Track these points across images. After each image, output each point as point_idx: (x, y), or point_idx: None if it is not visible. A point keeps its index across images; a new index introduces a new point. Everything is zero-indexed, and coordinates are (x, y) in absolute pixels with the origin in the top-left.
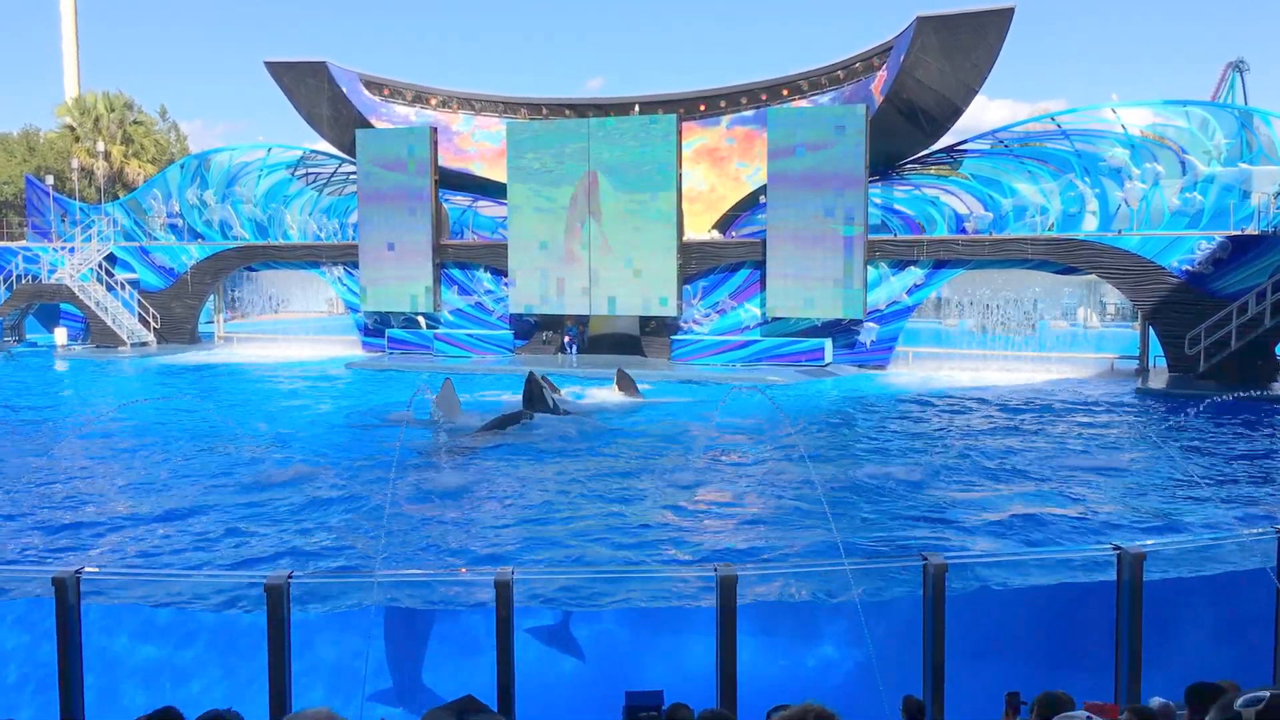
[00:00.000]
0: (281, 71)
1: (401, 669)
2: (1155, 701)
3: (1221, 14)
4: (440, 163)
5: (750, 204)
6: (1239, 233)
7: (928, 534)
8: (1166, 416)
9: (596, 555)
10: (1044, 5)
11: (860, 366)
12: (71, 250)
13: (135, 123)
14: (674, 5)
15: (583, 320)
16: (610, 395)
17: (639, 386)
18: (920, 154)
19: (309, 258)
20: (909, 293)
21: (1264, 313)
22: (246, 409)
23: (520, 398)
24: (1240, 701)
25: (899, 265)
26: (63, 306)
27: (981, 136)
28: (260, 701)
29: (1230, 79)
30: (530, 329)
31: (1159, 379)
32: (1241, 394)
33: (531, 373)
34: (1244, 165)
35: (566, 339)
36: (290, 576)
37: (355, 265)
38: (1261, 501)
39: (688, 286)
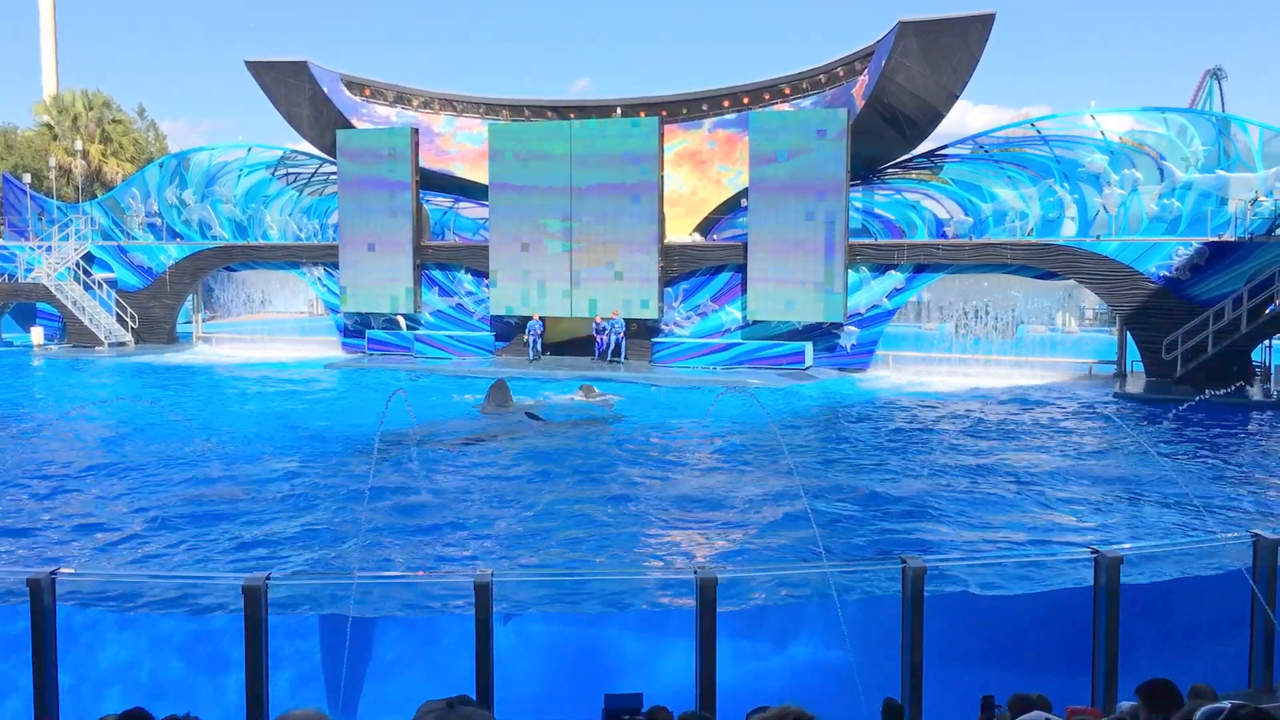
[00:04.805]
0: (262, 71)
1: (374, 673)
2: (1125, 706)
3: (1200, 22)
4: (421, 164)
5: (732, 207)
6: (1216, 239)
7: (906, 536)
8: (1143, 420)
9: (575, 557)
10: (1026, 12)
11: (841, 370)
12: (49, 249)
13: (114, 121)
14: (659, 9)
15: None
16: (576, 399)
17: (607, 395)
18: (901, 158)
19: (289, 258)
20: (889, 296)
21: (1240, 319)
22: (241, 412)
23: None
24: (1201, 713)
25: (880, 269)
26: (39, 306)
27: (962, 141)
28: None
29: (1208, 86)
30: (511, 330)
31: (1136, 384)
32: (1217, 398)
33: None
34: (1221, 172)
35: (613, 335)
36: (268, 578)
37: (335, 266)
38: (1237, 505)
39: (669, 289)
